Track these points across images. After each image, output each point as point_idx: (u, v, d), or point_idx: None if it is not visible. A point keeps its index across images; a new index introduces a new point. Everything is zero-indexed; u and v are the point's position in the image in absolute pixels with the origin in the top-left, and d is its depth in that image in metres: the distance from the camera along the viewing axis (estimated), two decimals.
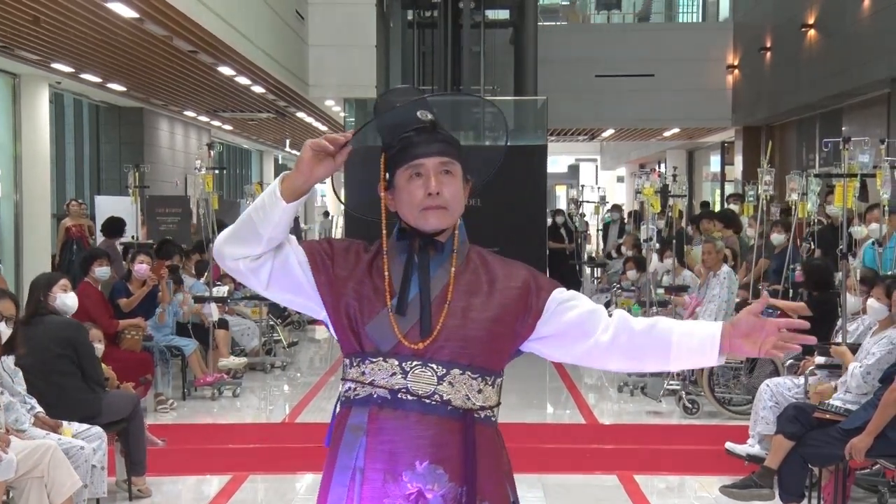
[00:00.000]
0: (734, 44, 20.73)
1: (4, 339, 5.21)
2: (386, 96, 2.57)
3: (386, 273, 2.44)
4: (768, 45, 18.51)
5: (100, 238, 12.01)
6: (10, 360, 5.43)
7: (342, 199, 2.95)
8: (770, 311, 8.37)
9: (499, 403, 2.50)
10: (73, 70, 13.08)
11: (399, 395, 2.39)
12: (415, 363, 2.39)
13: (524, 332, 2.47)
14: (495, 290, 2.45)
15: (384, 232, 2.48)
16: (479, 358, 2.41)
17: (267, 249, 2.43)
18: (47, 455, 5.06)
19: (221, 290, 9.93)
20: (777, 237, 9.87)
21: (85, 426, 5.70)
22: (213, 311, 9.23)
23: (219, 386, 9.02)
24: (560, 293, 2.48)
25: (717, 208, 18.16)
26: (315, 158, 2.42)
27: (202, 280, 10.07)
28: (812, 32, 16.10)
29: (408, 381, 2.38)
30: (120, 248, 11.20)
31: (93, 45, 11.39)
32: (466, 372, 2.40)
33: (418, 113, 2.48)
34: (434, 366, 2.38)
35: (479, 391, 2.43)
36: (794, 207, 9.26)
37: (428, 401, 2.38)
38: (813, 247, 9.76)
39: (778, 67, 17.90)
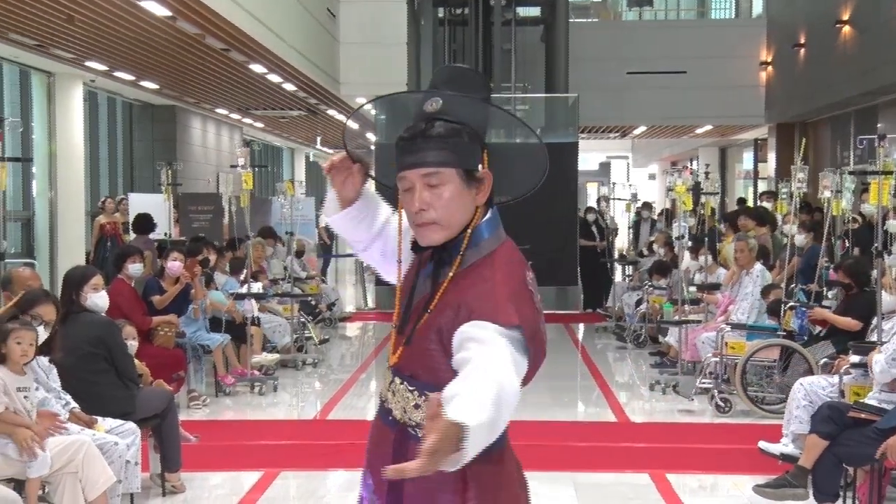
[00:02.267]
0: (767, 40, 20.58)
1: (41, 341, 5.25)
2: (442, 70, 2.41)
3: (399, 284, 2.42)
4: (802, 41, 18.35)
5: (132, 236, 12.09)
6: (44, 358, 5.47)
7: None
8: (804, 310, 8.31)
9: None
10: (106, 68, 13.19)
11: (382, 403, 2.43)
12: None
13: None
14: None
15: (399, 238, 2.43)
16: (417, 371, 2.28)
17: (367, 240, 2.51)
18: (82, 450, 5.10)
19: (256, 287, 9.97)
20: (799, 237, 9.78)
21: (119, 422, 5.73)
22: (252, 307, 9.28)
23: (252, 382, 9.07)
24: (470, 329, 2.14)
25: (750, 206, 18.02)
26: (337, 178, 2.43)
27: (239, 277, 10.10)
28: (847, 28, 15.95)
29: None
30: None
31: (126, 44, 11.48)
32: (404, 382, 2.31)
33: (426, 104, 2.30)
34: (392, 372, 2.38)
35: (416, 406, 2.27)
36: (826, 205, 9.18)
37: (383, 408, 2.39)
38: (848, 245, 9.68)
39: (812, 64, 17.75)
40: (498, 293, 2.19)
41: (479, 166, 2.28)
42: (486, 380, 1.98)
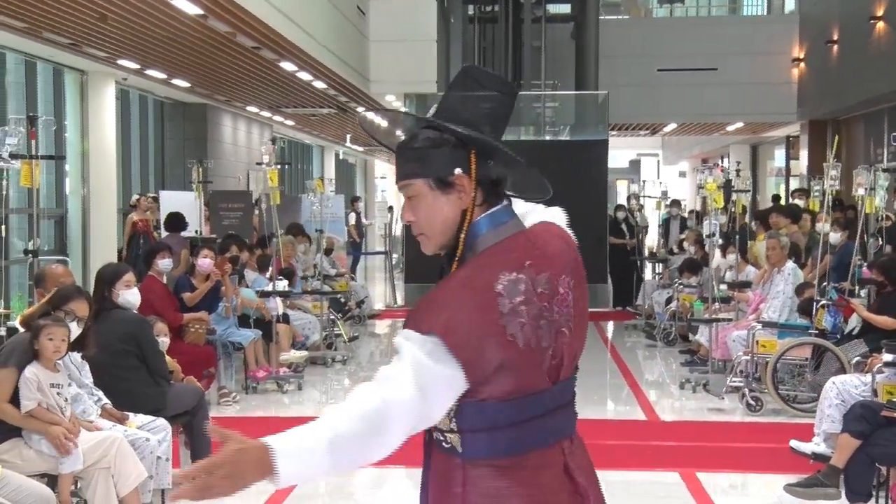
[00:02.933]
0: (800, 36, 20.42)
1: (74, 337, 5.29)
2: (469, 72, 2.30)
3: None
4: (835, 37, 18.19)
5: (163, 234, 12.16)
6: (77, 354, 5.52)
7: None
8: (834, 310, 8.24)
9: (455, 431, 2.15)
10: (138, 66, 13.27)
11: None
12: None
13: None
14: None
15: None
16: None
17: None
18: (114, 446, 5.15)
19: (281, 285, 10.01)
20: (834, 235, 9.71)
21: (150, 418, 5.77)
22: (277, 306, 9.32)
23: (276, 380, 9.11)
24: (397, 341, 2.11)
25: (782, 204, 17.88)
26: None
27: (266, 275, 10.15)
28: (881, 24, 15.79)
29: None
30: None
31: (158, 42, 11.54)
32: None
33: (397, 132, 2.30)
34: None
35: None
36: (860, 203, 9.09)
37: None
38: (882, 243, 9.59)
39: (845, 60, 17.59)
40: (434, 297, 2.13)
41: (456, 171, 2.18)
42: (353, 400, 2.04)
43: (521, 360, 2.10)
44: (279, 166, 10.30)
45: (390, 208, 25.51)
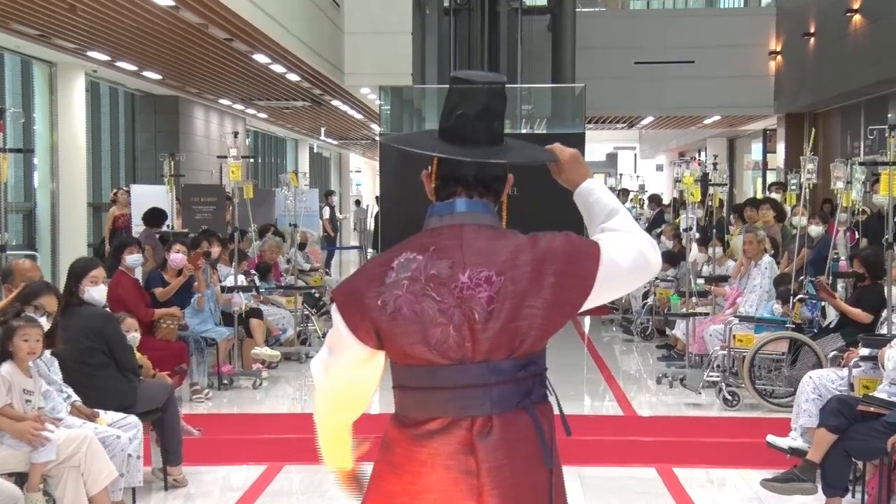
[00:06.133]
0: (777, 29, 20.52)
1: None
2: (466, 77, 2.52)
3: None
4: (812, 30, 18.30)
5: (139, 228, 12.08)
6: (46, 350, 5.48)
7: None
8: (814, 302, 8.31)
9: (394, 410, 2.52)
10: (108, 58, 13.19)
11: None
12: None
13: None
14: None
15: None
16: None
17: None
18: (84, 444, 5.11)
19: (242, 279, 9.91)
20: (815, 228, 9.77)
21: (121, 415, 5.74)
22: (241, 301, 9.25)
23: (251, 376, 9.09)
24: None
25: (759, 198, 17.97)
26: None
27: (239, 270, 10.09)
28: (857, 17, 15.90)
29: None
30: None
31: (129, 34, 11.48)
32: None
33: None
34: None
35: None
36: (837, 196, 9.15)
37: None
38: (858, 237, 9.64)
39: (822, 53, 17.70)
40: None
41: (423, 171, 2.53)
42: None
43: (393, 328, 2.38)
44: (245, 160, 10.19)
45: (357, 202, 25.47)
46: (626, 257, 2.43)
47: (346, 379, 2.51)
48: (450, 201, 2.46)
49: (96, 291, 6.30)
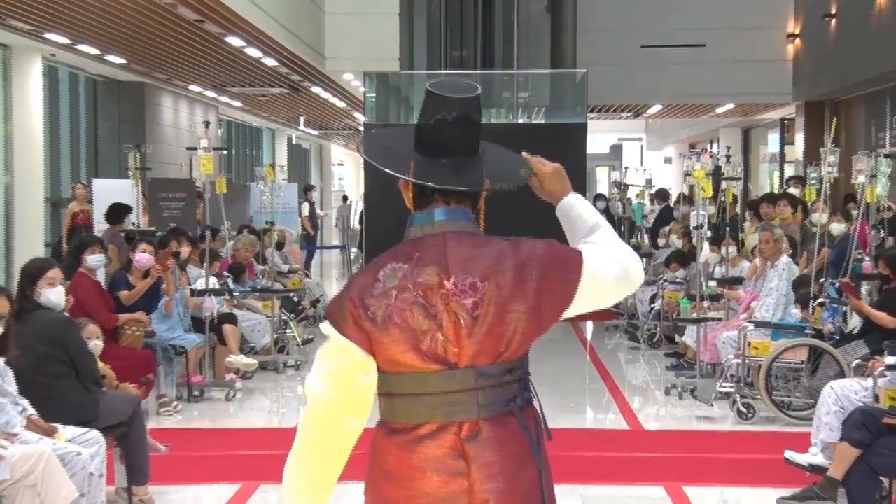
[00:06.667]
0: (795, 9, 20.57)
1: None
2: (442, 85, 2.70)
3: None
4: (833, 10, 18.35)
5: (102, 226, 12.06)
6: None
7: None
8: (836, 306, 8.32)
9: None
10: (68, 41, 13.16)
11: None
12: None
13: None
14: None
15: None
16: None
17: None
18: (41, 462, 5.09)
19: (214, 281, 9.91)
20: (837, 227, 9.79)
21: (81, 430, 5.72)
22: (213, 305, 9.24)
23: (224, 387, 9.08)
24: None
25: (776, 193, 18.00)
26: None
27: (210, 272, 10.09)
28: None
29: None
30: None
31: (90, 14, 11.45)
32: None
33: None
34: None
35: None
36: (860, 191, 9.17)
37: None
38: (884, 234, 9.67)
39: (844, 36, 17.74)
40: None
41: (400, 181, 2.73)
42: None
43: (384, 337, 2.59)
44: (217, 151, 10.17)
45: (344, 198, 25.50)
46: (608, 268, 2.64)
47: (345, 382, 2.65)
48: (429, 210, 2.68)
49: (54, 294, 6.27)
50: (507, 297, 2.59)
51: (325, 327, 2.65)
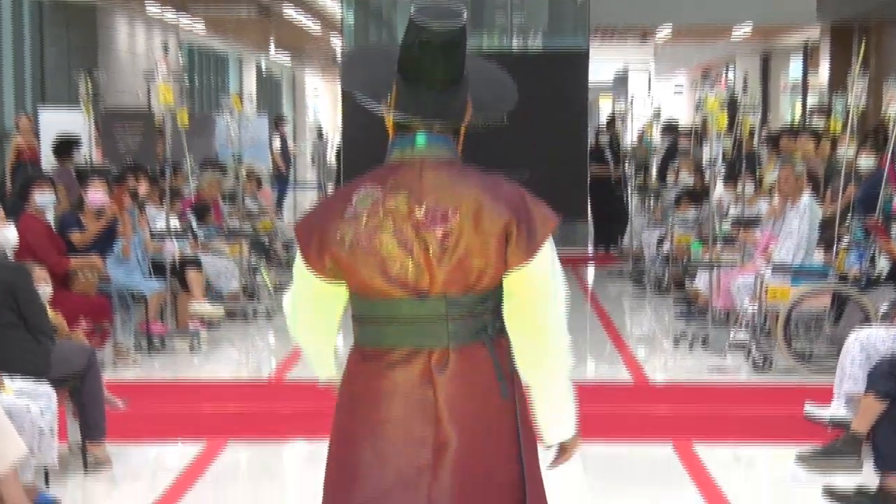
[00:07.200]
0: None
1: None
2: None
3: None
4: None
5: (51, 162, 12.00)
6: None
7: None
8: (862, 248, 8.33)
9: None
10: None
11: None
12: None
13: None
14: None
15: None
16: None
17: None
18: None
19: (175, 223, 9.90)
20: (865, 161, 9.78)
21: (30, 383, 5.73)
22: (172, 250, 9.24)
23: (186, 335, 9.12)
24: None
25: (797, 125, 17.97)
26: None
27: (172, 212, 10.06)
28: None
29: None
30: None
31: None
32: None
33: None
34: None
35: None
36: (891, 123, 9.16)
37: None
38: None
39: None
40: None
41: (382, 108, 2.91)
42: None
43: (353, 261, 2.85)
44: (178, 80, 10.11)
45: (319, 133, 25.46)
46: (559, 277, 2.97)
47: (308, 305, 3.07)
48: (410, 135, 2.89)
49: (9, 231, 6.27)
50: (476, 232, 2.81)
51: (296, 243, 2.97)
